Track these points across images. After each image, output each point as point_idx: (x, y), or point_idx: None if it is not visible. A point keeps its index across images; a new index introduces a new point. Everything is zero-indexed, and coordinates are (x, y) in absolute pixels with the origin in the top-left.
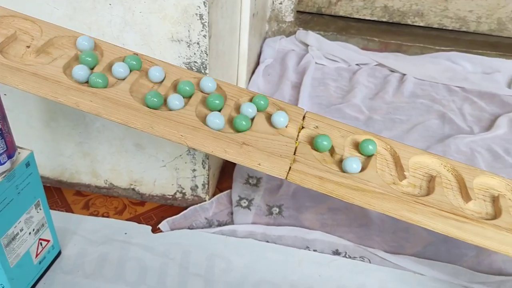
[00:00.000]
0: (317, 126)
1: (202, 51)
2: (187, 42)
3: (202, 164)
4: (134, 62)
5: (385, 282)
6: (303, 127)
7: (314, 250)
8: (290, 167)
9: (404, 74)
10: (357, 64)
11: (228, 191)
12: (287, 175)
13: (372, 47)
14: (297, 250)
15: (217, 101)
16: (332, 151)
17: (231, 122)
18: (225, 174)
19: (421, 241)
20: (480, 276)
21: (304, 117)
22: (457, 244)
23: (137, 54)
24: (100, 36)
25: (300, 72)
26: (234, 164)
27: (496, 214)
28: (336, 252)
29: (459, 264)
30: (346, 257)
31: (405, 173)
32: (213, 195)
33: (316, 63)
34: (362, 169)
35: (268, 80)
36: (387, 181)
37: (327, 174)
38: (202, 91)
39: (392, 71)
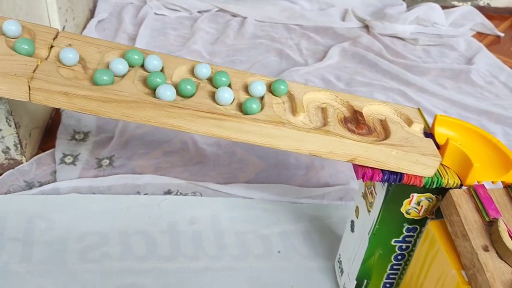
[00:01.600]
0: (70, 44)
1: None
2: None
3: (7, 121)
4: None
5: (216, 211)
6: (52, 46)
7: (145, 194)
8: (29, 87)
9: (245, 18)
10: (198, 12)
11: (52, 150)
12: (29, 96)
13: None
14: (125, 196)
15: None
16: (84, 67)
17: None
18: (50, 134)
19: (254, 168)
20: (306, 191)
21: (56, 37)
22: (288, 166)
23: None
24: None
25: (137, 24)
26: (59, 123)
27: (261, 109)
28: (168, 192)
29: (289, 184)
30: (178, 195)
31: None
32: (34, 156)
33: (155, 13)
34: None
35: (102, 35)
36: None
37: (73, 88)
38: None
39: (234, 15)
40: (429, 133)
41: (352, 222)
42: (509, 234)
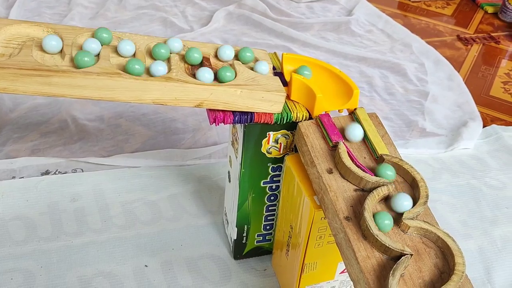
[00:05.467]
0: None
1: None
2: None
3: None
4: None
5: (99, 185)
6: None
7: (21, 178)
8: None
9: None
10: None
11: None
12: None
13: None
14: None
15: None
16: None
17: None
18: None
19: (140, 138)
20: (192, 152)
21: None
22: (175, 131)
23: None
24: None
25: (9, 7)
26: None
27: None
28: (46, 173)
29: (177, 148)
30: (56, 174)
31: None
32: None
33: None
34: None
35: None
36: None
37: None
38: None
39: None
40: (279, 72)
41: (229, 172)
42: (349, 154)
